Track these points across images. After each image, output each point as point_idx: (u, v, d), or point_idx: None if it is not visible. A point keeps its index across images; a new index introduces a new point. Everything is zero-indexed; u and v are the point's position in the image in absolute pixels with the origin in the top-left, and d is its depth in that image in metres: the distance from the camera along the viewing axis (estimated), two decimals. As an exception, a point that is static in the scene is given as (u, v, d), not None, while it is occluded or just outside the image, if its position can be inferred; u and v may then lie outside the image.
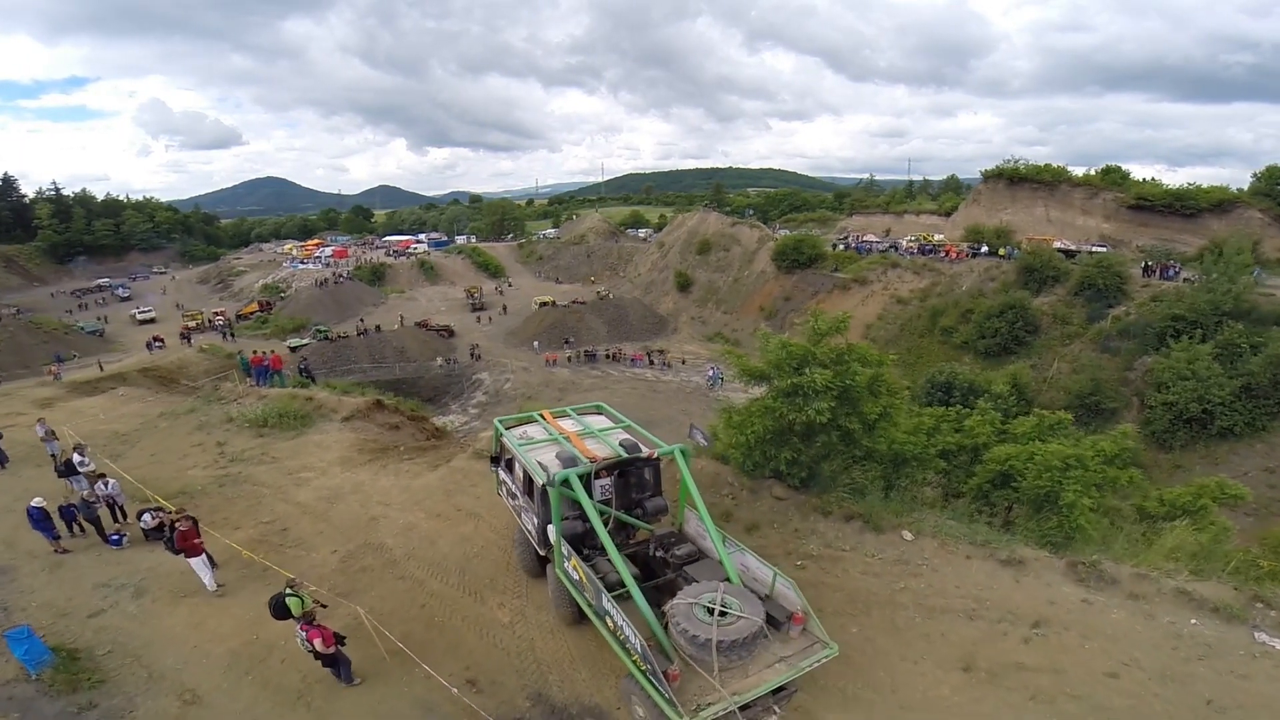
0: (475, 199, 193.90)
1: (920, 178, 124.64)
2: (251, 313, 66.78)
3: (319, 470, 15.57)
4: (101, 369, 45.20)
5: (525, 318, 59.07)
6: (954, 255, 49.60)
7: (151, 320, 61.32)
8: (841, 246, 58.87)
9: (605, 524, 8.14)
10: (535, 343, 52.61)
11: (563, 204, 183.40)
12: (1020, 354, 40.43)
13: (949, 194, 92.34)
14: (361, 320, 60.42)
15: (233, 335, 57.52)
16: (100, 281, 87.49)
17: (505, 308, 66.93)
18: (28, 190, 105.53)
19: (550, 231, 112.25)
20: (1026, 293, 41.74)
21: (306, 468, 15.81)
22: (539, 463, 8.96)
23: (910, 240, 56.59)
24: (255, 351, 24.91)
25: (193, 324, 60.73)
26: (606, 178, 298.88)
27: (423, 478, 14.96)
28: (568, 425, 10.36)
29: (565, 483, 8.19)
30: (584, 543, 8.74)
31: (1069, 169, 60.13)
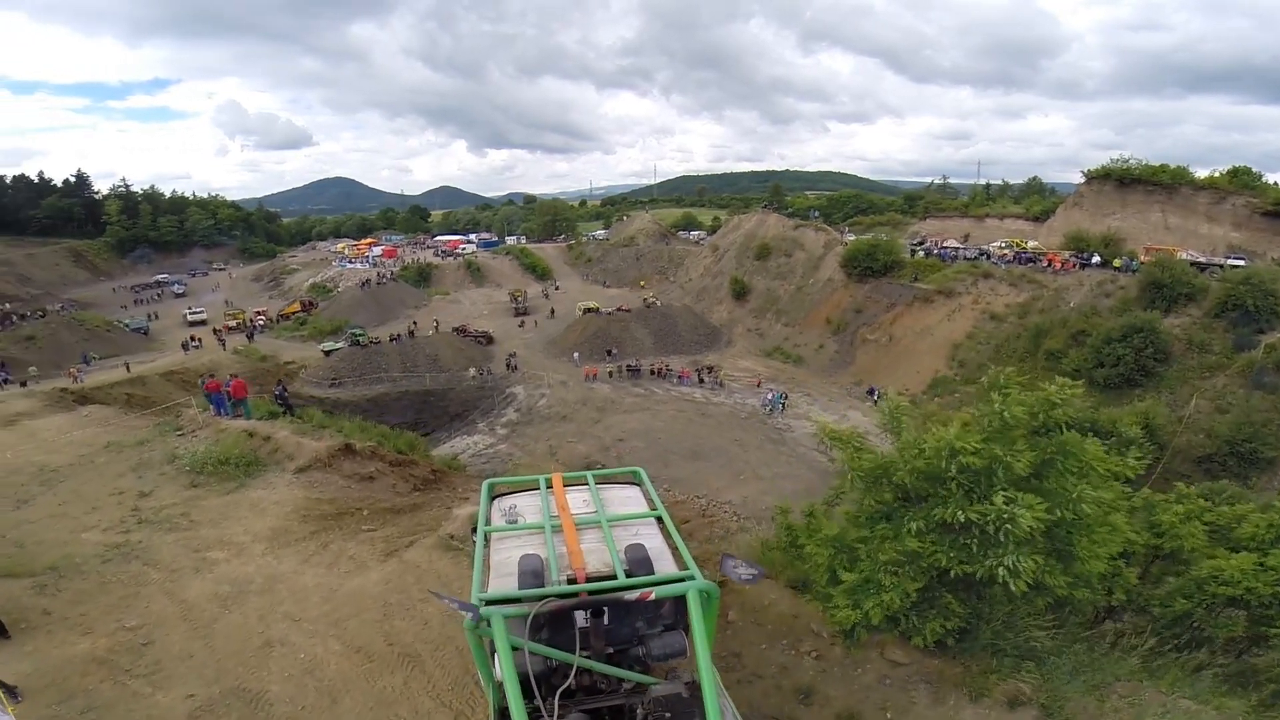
0: (530, 199, 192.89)
1: (999, 180, 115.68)
2: (293, 313, 65.32)
3: (235, 549, 11.58)
4: (128, 370, 43.67)
5: (567, 325, 55.11)
6: (1058, 265, 42.90)
7: (202, 322, 60.01)
8: (922, 253, 52.63)
9: (567, 676, 4.53)
10: (575, 354, 48.48)
11: (615, 205, 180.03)
12: (1147, 386, 33.79)
13: (1034, 196, 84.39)
14: (415, 323, 57.76)
15: (251, 337, 55.65)
16: (159, 277, 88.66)
17: (553, 311, 63.37)
18: (100, 186, 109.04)
19: (599, 233, 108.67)
20: (1156, 313, 35.01)
21: (223, 542, 11.85)
22: (492, 568, 5.44)
23: (1002, 246, 49.90)
24: (212, 375, 21.38)
25: (233, 323, 59.44)
26: (659, 180, 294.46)
27: (363, 574, 10.75)
28: (577, 503, 6.50)
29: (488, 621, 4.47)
30: (551, 686, 4.64)
31: (1190, 170, 52.54)
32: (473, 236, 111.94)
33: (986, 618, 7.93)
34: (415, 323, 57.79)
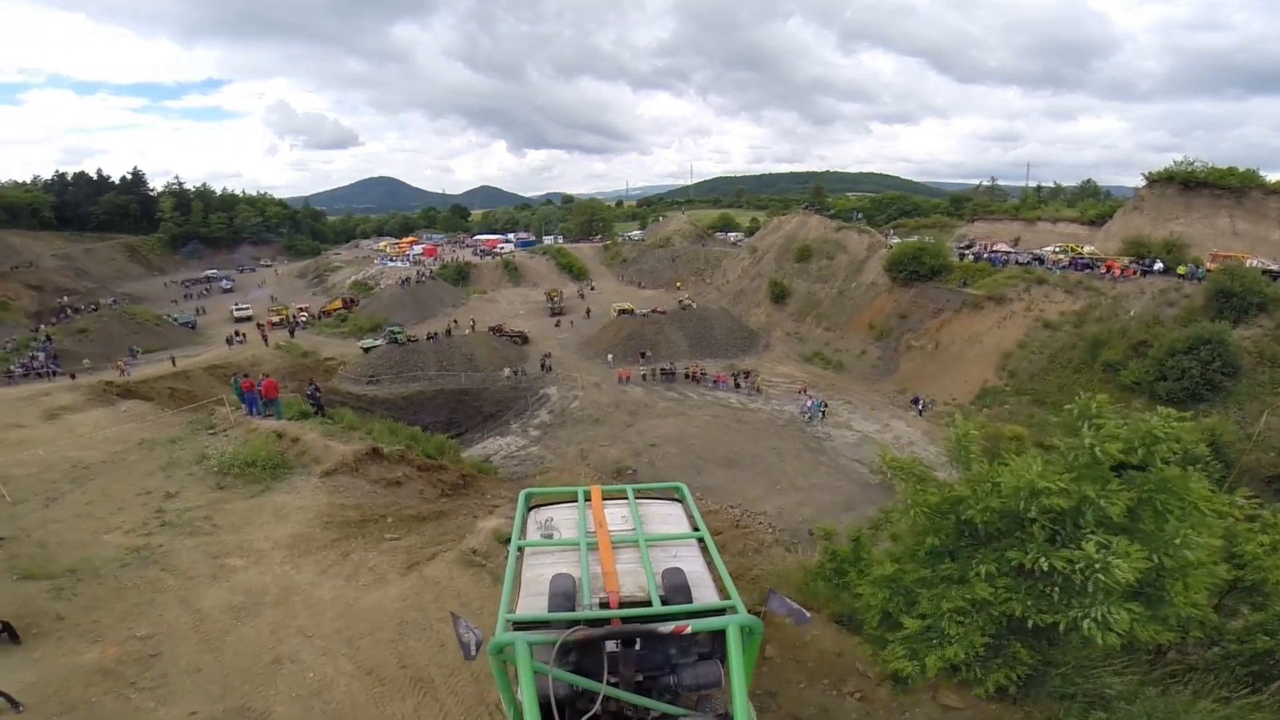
0: (567, 199, 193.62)
1: (1050, 183, 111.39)
2: (334, 309, 66.28)
3: (254, 557, 11.26)
4: (174, 364, 44.70)
5: (601, 326, 54.60)
6: (1117, 272, 40.68)
7: (248, 318, 61.17)
8: (971, 256, 50.62)
9: (593, 703, 4.35)
10: (609, 355, 47.91)
11: (651, 206, 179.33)
12: (1213, 401, 31.65)
13: (1088, 200, 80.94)
14: (455, 321, 58.01)
15: (292, 333, 56.52)
16: (208, 273, 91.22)
17: (589, 311, 63.04)
18: (155, 184, 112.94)
19: (635, 233, 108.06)
20: (1224, 323, 32.80)
21: (242, 548, 11.55)
22: (523, 585, 5.27)
23: (1057, 251, 47.66)
24: (245, 374, 21.33)
25: (276, 319, 60.52)
26: (696, 180, 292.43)
27: (381, 588, 10.29)
28: (615, 519, 6.22)
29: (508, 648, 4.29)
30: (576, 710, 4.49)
31: (1261, 173, 49.49)
32: (511, 236, 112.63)
33: (1057, 663, 7.14)
34: (455, 321, 58.03)
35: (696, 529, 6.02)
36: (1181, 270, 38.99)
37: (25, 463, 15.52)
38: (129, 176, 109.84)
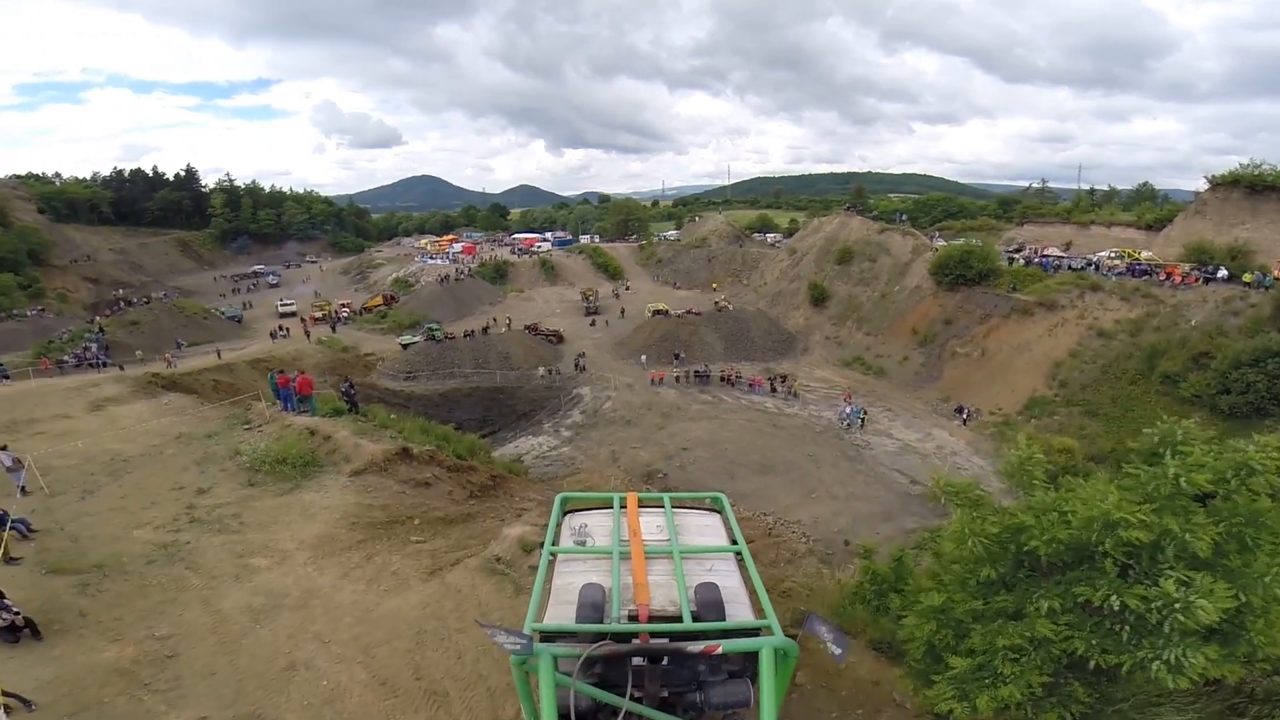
0: (604, 199, 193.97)
1: (1104, 186, 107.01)
2: (375, 306, 67.37)
3: (278, 557, 11.17)
4: (219, 356, 45.80)
5: (635, 327, 54.17)
6: (1178, 279, 38.62)
7: (292, 314, 62.52)
8: (1021, 261, 48.75)
9: (615, 715, 4.35)
10: (643, 356, 47.49)
11: (687, 206, 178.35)
12: (1279, 416, 29.80)
13: (1145, 203, 77.39)
14: (494, 319, 58.31)
15: (334, 328, 57.50)
16: (256, 268, 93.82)
17: (623, 311, 62.73)
18: (207, 181, 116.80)
19: (671, 233, 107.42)
20: (1295, 334, 30.84)
21: (268, 548, 11.48)
22: (553, 593, 5.19)
23: (1112, 256, 45.53)
24: (281, 370, 21.49)
25: (319, 314, 61.76)
26: (733, 180, 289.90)
27: (402, 594, 10.08)
28: (650, 529, 6.11)
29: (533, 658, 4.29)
30: None
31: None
32: (548, 235, 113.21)
33: (1113, 700, 6.54)
34: (494, 320, 58.23)
35: (734, 542, 5.84)
36: (1247, 278, 36.83)
37: (67, 454, 15.87)
38: (182, 173, 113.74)
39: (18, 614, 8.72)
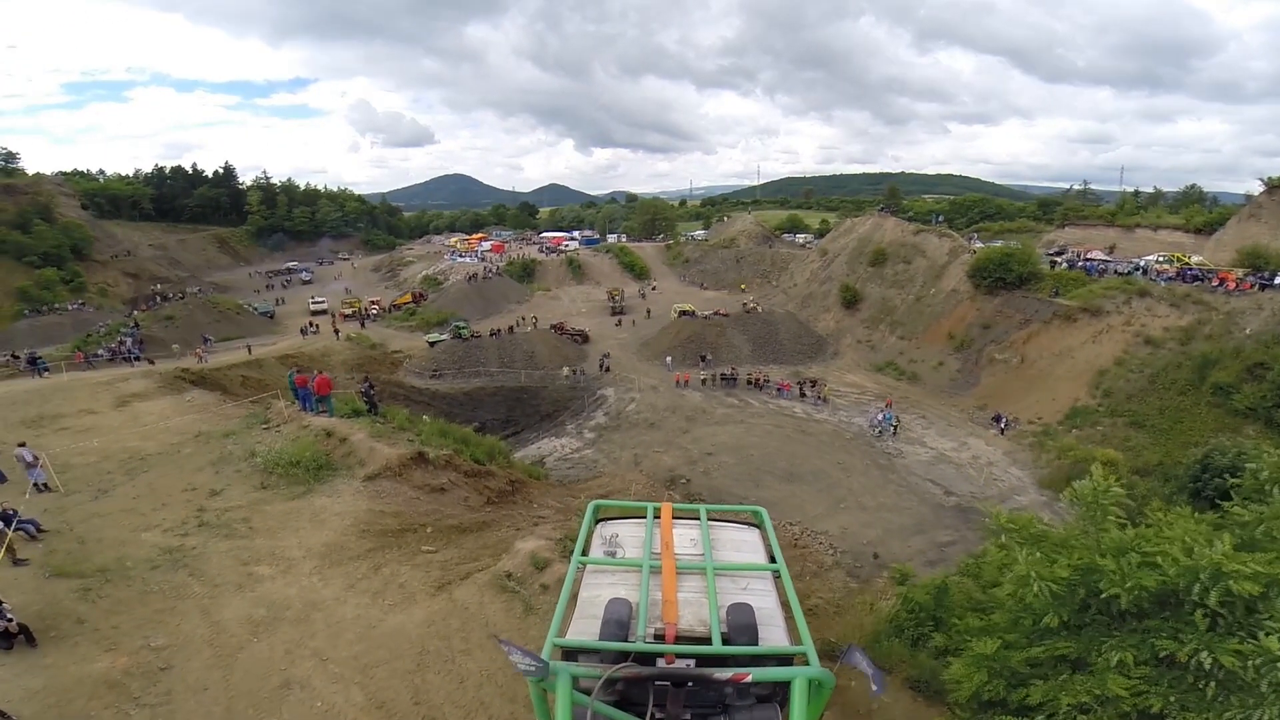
0: (631, 198, 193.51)
1: (1148, 188, 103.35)
2: (404, 303, 67.80)
3: (284, 565, 10.78)
4: (250, 352, 46.35)
5: (661, 328, 53.44)
6: (1231, 285, 36.69)
7: (324, 312, 63.12)
8: (1065, 264, 46.95)
9: None
10: (668, 358, 46.77)
11: (715, 205, 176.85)
12: (1342, 432, 28.02)
13: (1194, 206, 74.24)
14: (521, 319, 58.18)
15: (363, 325, 57.87)
16: (289, 264, 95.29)
17: (649, 311, 62.13)
18: (245, 179, 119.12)
19: (699, 233, 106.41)
20: (1362, 345, 28.98)
21: (274, 555, 11.11)
22: (578, 606, 4.99)
23: (1161, 261, 43.57)
24: (300, 370, 21.25)
25: (349, 311, 62.32)
26: (762, 181, 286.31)
27: (407, 609, 9.59)
28: (683, 542, 5.79)
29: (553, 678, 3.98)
30: None
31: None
32: (576, 234, 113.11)
33: None
34: (521, 319, 58.08)
35: (773, 560, 5.52)
36: (1308, 285, 34.89)
37: (86, 451, 15.81)
38: (220, 171, 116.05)
39: (11, 620, 8.45)
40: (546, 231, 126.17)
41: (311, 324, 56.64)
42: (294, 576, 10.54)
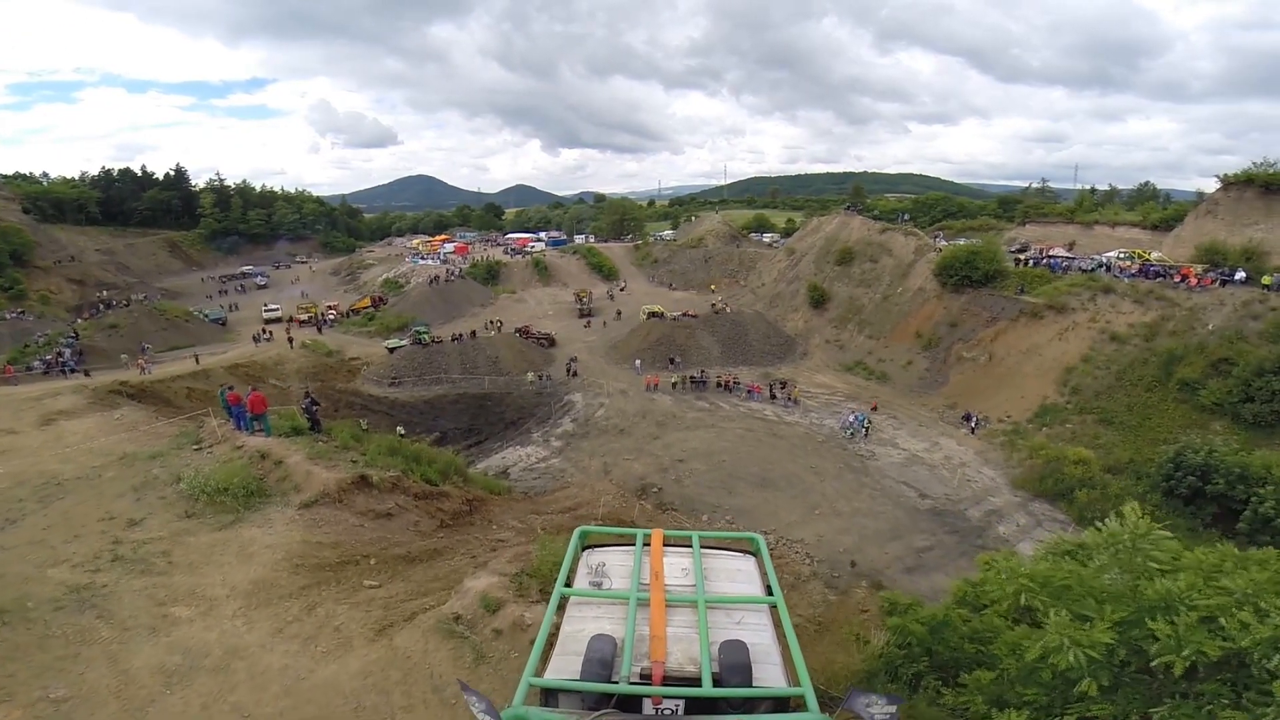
0: (600, 199, 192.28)
1: (1103, 185, 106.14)
2: (363, 307, 65.68)
3: (204, 606, 9.54)
4: (197, 362, 43.94)
5: (630, 330, 52.53)
6: (1193, 281, 37.20)
7: (277, 320, 60.40)
8: (1029, 262, 47.31)
9: None
10: (637, 361, 45.84)
11: (683, 205, 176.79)
12: (1305, 425, 28.42)
13: (1149, 203, 76.26)
14: (487, 323, 56.43)
15: (319, 331, 55.88)
16: (244, 269, 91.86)
17: (619, 313, 61.18)
18: (199, 181, 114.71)
19: (667, 233, 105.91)
20: (1322, 340, 29.44)
21: (194, 594, 9.85)
22: (560, 641, 4.71)
23: (1123, 257, 44.12)
24: (231, 387, 19.76)
25: (304, 317, 59.93)
26: (730, 180, 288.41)
27: (341, 658, 8.45)
28: (674, 571, 5.50)
29: None
30: None
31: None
32: (542, 235, 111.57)
33: None
34: (488, 323, 56.30)
35: (770, 591, 5.29)
36: (1267, 280, 35.44)
37: (-1, 476, 14.23)
38: (171, 173, 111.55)
39: None
40: (512, 233, 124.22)
41: (265, 331, 54.32)
42: (215, 619, 9.30)
